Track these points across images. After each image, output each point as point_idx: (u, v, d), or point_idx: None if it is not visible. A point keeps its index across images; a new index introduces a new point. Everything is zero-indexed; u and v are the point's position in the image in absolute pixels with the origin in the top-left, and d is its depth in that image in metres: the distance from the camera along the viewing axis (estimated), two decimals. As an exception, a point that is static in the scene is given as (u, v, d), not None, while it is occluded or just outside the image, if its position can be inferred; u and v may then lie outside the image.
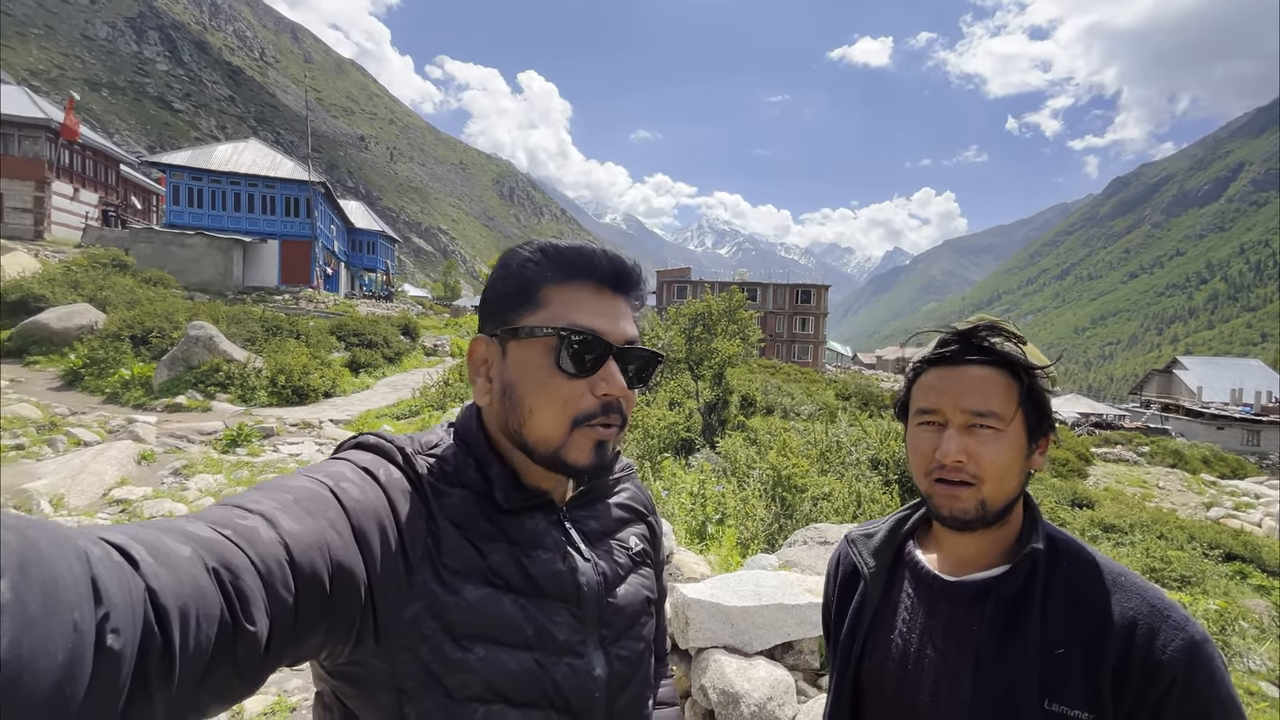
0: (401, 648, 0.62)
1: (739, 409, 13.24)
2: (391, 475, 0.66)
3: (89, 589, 0.35)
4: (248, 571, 0.48)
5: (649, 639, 0.83)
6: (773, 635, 2.79)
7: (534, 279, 0.71)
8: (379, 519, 0.62)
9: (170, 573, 0.42)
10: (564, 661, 0.70)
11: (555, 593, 0.71)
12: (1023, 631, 0.77)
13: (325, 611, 0.55)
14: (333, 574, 0.55)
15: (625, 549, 0.83)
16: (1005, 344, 0.83)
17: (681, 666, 2.86)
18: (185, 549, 0.45)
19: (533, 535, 0.72)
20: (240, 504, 0.54)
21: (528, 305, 0.71)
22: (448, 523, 0.67)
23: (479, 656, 0.64)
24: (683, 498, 5.61)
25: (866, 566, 0.95)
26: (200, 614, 0.43)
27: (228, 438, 8.38)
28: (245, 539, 0.50)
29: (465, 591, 0.65)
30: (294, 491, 0.58)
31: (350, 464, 0.66)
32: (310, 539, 0.54)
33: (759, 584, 3.00)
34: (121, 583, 0.38)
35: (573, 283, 0.72)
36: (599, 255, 0.73)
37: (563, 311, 0.70)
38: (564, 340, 0.69)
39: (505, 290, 0.73)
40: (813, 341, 53.77)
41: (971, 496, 0.80)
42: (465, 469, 0.72)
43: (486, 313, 0.75)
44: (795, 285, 54.56)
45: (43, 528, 0.36)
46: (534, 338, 0.70)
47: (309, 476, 0.61)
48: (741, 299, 15.19)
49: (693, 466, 7.64)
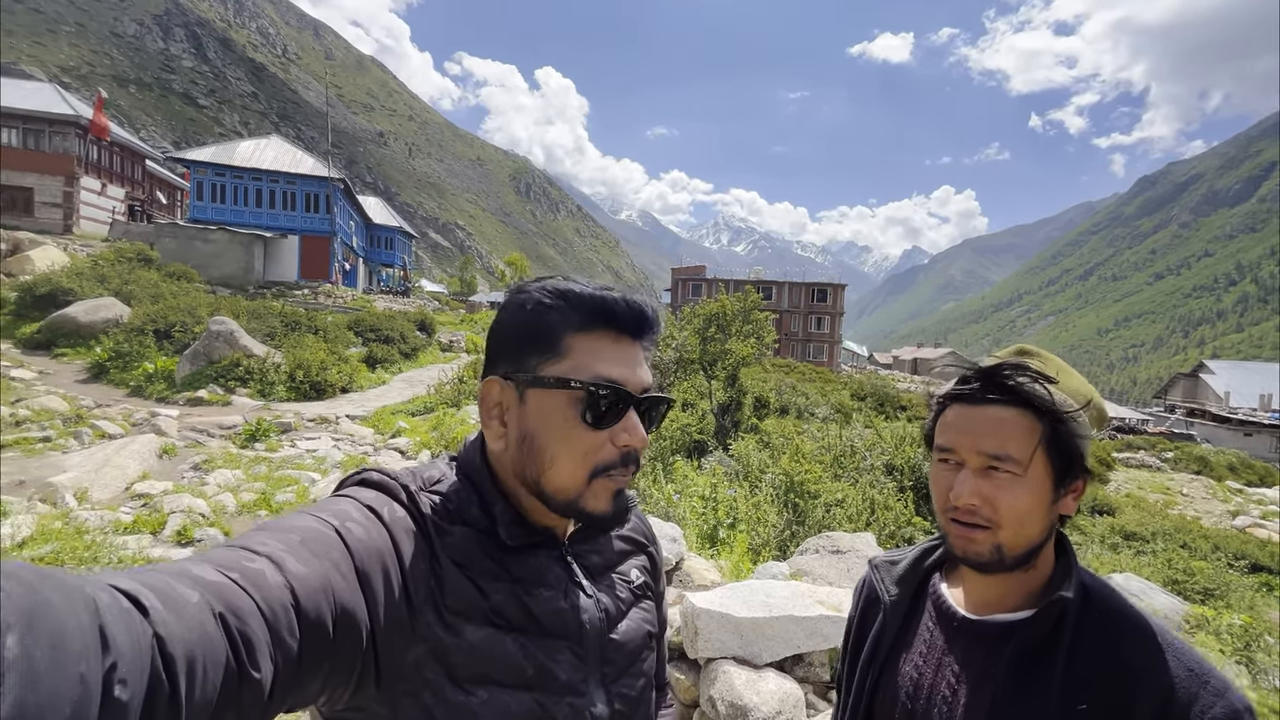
0: (403, 691, 0.61)
1: (752, 410, 13.17)
2: (396, 514, 0.66)
3: (96, 639, 0.35)
4: (254, 616, 0.48)
5: (650, 674, 0.83)
6: (783, 647, 2.76)
7: (555, 325, 0.70)
8: (382, 560, 0.61)
9: (178, 619, 0.42)
10: (565, 701, 0.69)
11: (557, 631, 0.71)
12: (1043, 681, 0.74)
13: (328, 656, 0.55)
14: (336, 617, 0.55)
15: (627, 582, 0.83)
16: (1031, 384, 0.78)
17: (690, 676, 2.85)
18: (194, 594, 0.45)
19: (536, 572, 0.72)
20: (247, 545, 0.54)
21: (550, 353, 0.70)
22: (450, 562, 0.67)
23: (481, 700, 0.64)
24: (694, 501, 5.59)
25: (888, 595, 0.94)
26: (207, 661, 0.43)
27: (247, 432, 8.52)
28: (252, 583, 0.49)
29: (467, 632, 0.65)
30: (300, 532, 0.57)
31: (355, 502, 0.65)
32: (316, 582, 0.54)
33: (769, 594, 2.98)
34: (130, 631, 0.38)
35: (594, 331, 0.71)
36: (620, 304, 0.71)
37: (586, 362, 0.69)
38: (591, 394, 0.68)
39: (523, 334, 0.71)
40: (828, 341, 53.32)
41: (987, 540, 0.77)
42: (468, 506, 0.71)
43: (501, 354, 0.73)
44: (811, 284, 54.11)
45: (51, 578, 0.36)
46: (558, 389, 0.69)
47: (315, 516, 0.61)
48: (757, 299, 15.09)
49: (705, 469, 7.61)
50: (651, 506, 5.41)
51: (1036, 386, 0.77)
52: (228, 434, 8.59)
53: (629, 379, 0.71)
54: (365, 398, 12.68)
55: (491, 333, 0.75)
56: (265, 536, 0.56)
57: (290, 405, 11.08)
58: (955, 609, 0.86)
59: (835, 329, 53.63)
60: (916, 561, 0.95)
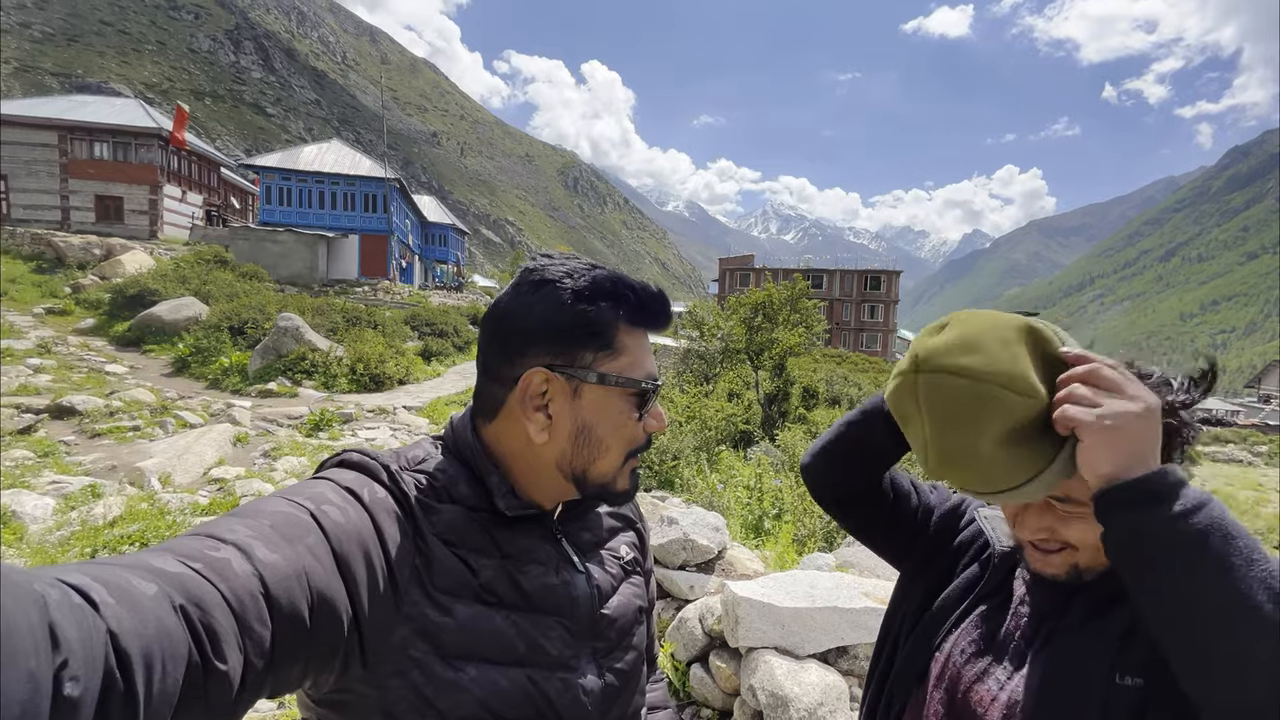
0: (390, 672, 0.61)
1: (800, 401, 12.92)
2: (376, 495, 0.65)
3: (46, 635, 0.34)
4: (218, 607, 0.46)
5: (641, 648, 0.83)
6: (826, 639, 2.71)
7: (610, 322, 0.71)
8: (362, 542, 0.60)
9: (133, 613, 0.40)
10: (557, 676, 0.69)
11: (548, 607, 0.71)
12: (1110, 615, 0.73)
13: (306, 642, 0.54)
14: (313, 603, 0.54)
15: (617, 558, 0.84)
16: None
17: (731, 665, 2.84)
18: (150, 587, 0.43)
19: (526, 549, 0.72)
20: (214, 533, 0.52)
21: (606, 350, 0.71)
22: (437, 540, 0.66)
23: (471, 676, 0.64)
24: (739, 491, 5.54)
25: (999, 544, 0.91)
26: (166, 655, 0.41)
27: (311, 422, 9.00)
28: (216, 572, 0.48)
29: (456, 610, 0.64)
30: (271, 517, 0.56)
31: (332, 484, 0.64)
32: (287, 568, 0.52)
33: (813, 584, 2.93)
34: (81, 627, 0.36)
35: (637, 329, 0.74)
36: (660, 306, 0.75)
37: (639, 360, 0.73)
38: (647, 392, 0.73)
39: (574, 326, 0.69)
40: (882, 330, 51.64)
41: (1063, 561, 0.75)
42: (456, 484, 0.71)
43: (538, 344, 0.69)
44: (864, 271, 52.47)
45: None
46: (619, 386, 0.71)
47: (288, 500, 0.60)
48: (805, 287, 14.76)
49: (750, 459, 7.53)
50: (696, 496, 5.40)
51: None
52: (295, 424, 9.10)
53: (655, 372, 0.76)
54: (421, 389, 13.16)
55: (512, 316, 0.71)
56: (234, 523, 0.54)
57: (351, 396, 11.63)
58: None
59: (890, 317, 51.87)
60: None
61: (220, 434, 7.34)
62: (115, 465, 6.13)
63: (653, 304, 0.74)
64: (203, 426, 7.95)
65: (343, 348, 13.34)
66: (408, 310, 19.34)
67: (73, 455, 6.53)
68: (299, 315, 13.66)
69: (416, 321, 17.88)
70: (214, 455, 6.71)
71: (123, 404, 8.57)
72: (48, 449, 6.47)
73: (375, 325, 16.04)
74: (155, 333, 13.51)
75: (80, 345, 12.53)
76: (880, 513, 1.00)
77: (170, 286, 15.48)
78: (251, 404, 10.06)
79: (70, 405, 7.95)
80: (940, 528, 1.00)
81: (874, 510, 1.00)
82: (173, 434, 7.64)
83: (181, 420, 8.33)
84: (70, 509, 4.64)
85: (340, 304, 17.26)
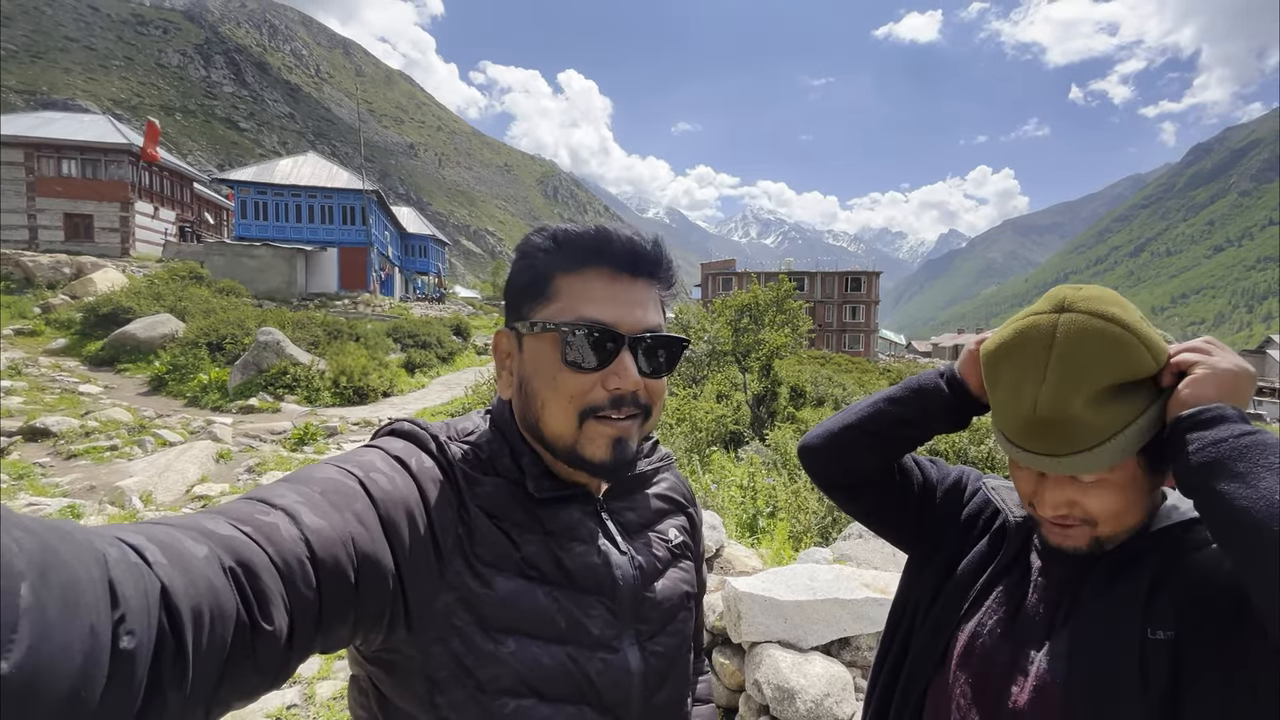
0: (433, 638, 0.62)
1: (788, 401, 13.00)
2: (423, 464, 0.66)
3: (106, 591, 0.35)
4: (266, 570, 0.48)
5: (687, 634, 0.81)
6: (828, 630, 2.72)
7: (546, 269, 0.70)
8: (408, 509, 0.61)
9: (184, 573, 0.42)
10: (598, 656, 0.68)
11: (590, 585, 0.70)
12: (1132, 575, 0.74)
13: (352, 604, 0.55)
14: (358, 567, 0.55)
15: (665, 541, 0.81)
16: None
17: (735, 661, 2.84)
18: (201, 548, 0.45)
19: (568, 526, 0.71)
20: (264, 498, 0.54)
21: (541, 297, 0.69)
22: (480, 512, 0.66)
23: (510, 650, 0.64)
24: (732, 490, 5.55)
25: (1013, 516, 0.90)
26: (215, 614, 0.43)
27: (295, 436, 8.84)
28: (265, 536, 0.49)
29: (497, 583, 0.64)
30: (320, 484, 0.57)
31: (382, 452, 0.65)
32: (333, 534, 0.54)
33: (813, 578, 2.94)
34: (137, 584, 0.38)
35: (585, 270, 0.69)
36: (613, 238, 0.69)
37: (573, 304, 0.68)
38: (570, 335, 0.66)
39: (521, 282, 0.71)
40: (864, 330, 52.26)
41: (1083, 535, 0.76)
42: (499, 457, 0.71)
43: (508, 304, 0.74)
44: (844, 273, 53.12)
45: (61, 531, 0.36)
46: (545, 332, 0.68)
47: (338, 467, 0.61)
48: (790, 288, 14.88)
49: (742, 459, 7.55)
50: (689, 497, 5.39)
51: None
52: (278, 438, 8.93)
53: (622, 319, 0.68)
54: (406, 401, 13.01)
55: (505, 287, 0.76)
56: (285, 489, 0.56)
57: (335, 410, 11.45)
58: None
59: (871, 318, 52.52)
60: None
61: (202, 451, 7.18)
62: (94, 485, 5.96)
63: (588, 240, 0.69)
64: (183, 444, 7.76)
65: (325, 361, 13.14)
66: (389, 322, 19.13)
67: (49, 477, 6.34)
68: (279, 329, 13.44)
69: (399, 333, 17.68)
70: (196, 472, 6.56)
71: (99, 424, 8.35)
72: (22, 471, 6.27)
73: (357, 338, 15.83)
74: (130, 351, 13.19)
75: (52, 366, 12.18)
76: (890, 496, 0.98)
77: (144, 304, 15.13)
78: (233, 420, 9.86)
79: (44, 427, 7.72)
80: (946, 503, 0.98)
81: (885, 494, 0.98)
82: (152, 453, 7.45)
83: (161, 439, 8.13)
84: (48, 531, 4.50)
85: (321, 317, 17.01)
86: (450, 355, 18.23)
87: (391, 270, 34.20)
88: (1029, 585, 0.83)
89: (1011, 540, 0.87)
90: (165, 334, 13.56)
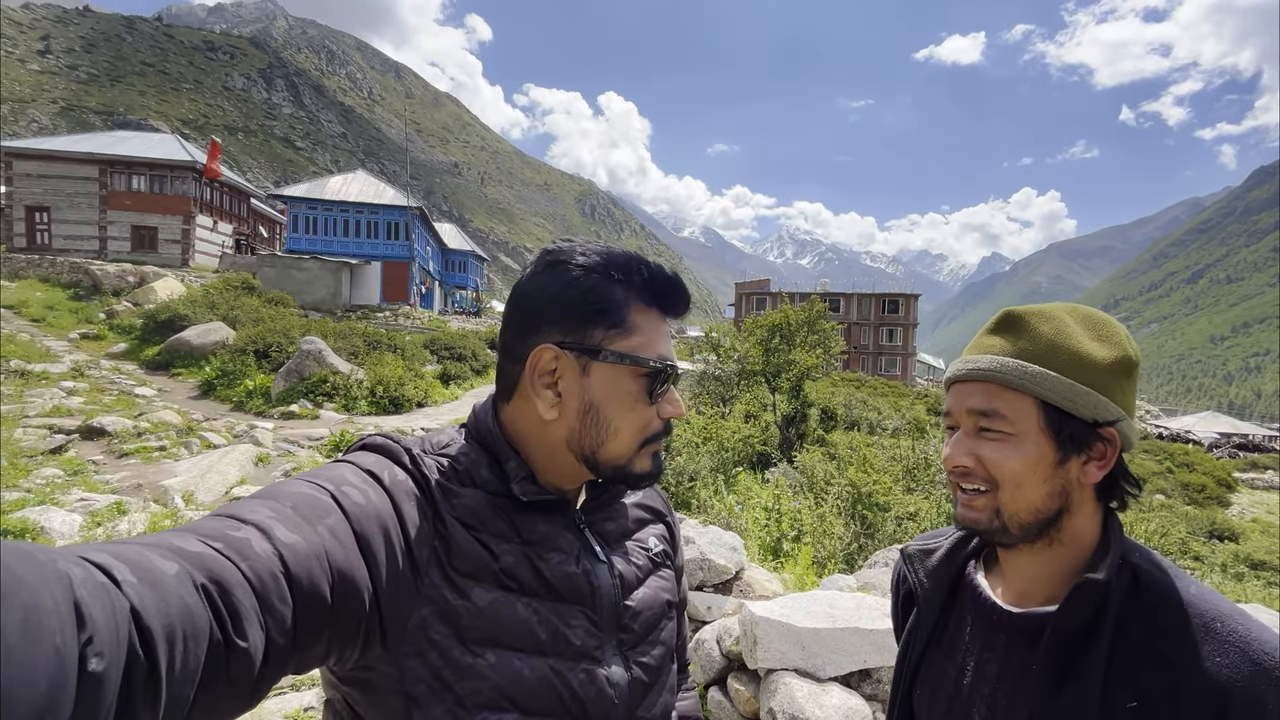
0: (409, 653, 0.61)
1: (818, 423, 12.77)
2: (396, 476, 0.65)
3: (71, 612, 0.35)
4: (239, 586, 0.47)
5: (669, 644, 0.80)
6: (847, 661, 2.64)
7: (623, 300, 0.70)
8: (382, 523, 0.60)
9: (154, 591, 0.41)
10: (580, 667, 0.68)
11: (570, 595, 0.69)
12: (1084, 675, 0.67)
13: (327, 620, 0.54)
14: (334, 583, 0.54)
15: (644, 550, 0.81)
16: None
17: (750, 688, 2.77)
18: (172, 566, 0.44)
19: (546, 536, 0.71)
20: (235, 514, 0.53)
21: (618, 328, 0.70)
22: (457, 523, 0.66)
23: (490, 662, 0.63)
24: (757, 512, 5.46)
25: (920, 587, 0.87)
26: (188, 632, 0.42)
27: (332, 443, 9.09)
28: (237, 551, 0.49)
29: (475, 594, 0.64)
30: (292, 499, 0.57)
31: (353, 466, 0.65)
32: (307, 549, 0.53)
33: (833, 605, 2.86)
34: (104, 604, 0.37)
35: (653, 309, 0.73)
36: (676, 288, 0.74)
37: (652, 341, 0.72)
38: (657, 373, 0.71)
39: (583, 303, 0.69)
40: (901, 353, 51.07)
41: (985, 505, 0.73)
42: (477, 468, 0.71)
43: (549, 321, 0.70)
44: (881, 295, 52.17)
45: (21, 551, 0.35)
46: (626, 364, 0.70)
47: (310, 482, 0.60)
48: (822, 308, 14.69)
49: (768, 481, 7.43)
50: (713, 517, 5.34)
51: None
52: (315, 445, 9.20)
53: (670, 356, 0.74)
54: (439, 411, 13.25)
55: (528, 296, 0.72)
56: (256, 504, 0.55)
57: (371, 419, 11.75)
58: (992, 600, 0.79)
59: (909, 341, 51.34)
60: (952, 551, 0.87)
61: (243, 454, 7.45)
62: (141, 484, 6.24)
63: (667, 285, 0.73)
64: (226, 447, 8.08)
65: (363, 371, 13.52)
66: (427, 335, 19.61)
67: (100, 474, 6.67)
68: (322, 339, 13.92)
69: (435, 345, 18.10)
70: (236, 475, 6.80)
71: (150, 425, 8.76)
72: (77, 468, 6.62)
73: (395, 349, 16.27)
74: (184, 356, 13.84)
75: (112, 369, 12.88)
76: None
77: (199, 312, 15.89)
78: (274, 425, 10.21)
79: (100, 426, 8.14)
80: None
81: None
82: (197, 454, 7.77)
83: (206, 441, 8.47)
84: (96, 525, 4.73)
85: (362, 328, 17.57)
86: (484, 368, 18.55)
87: (432, 284, 35.15)
88: (973, 659, 0.79)
89: (925, 608, 0.86)
90: (217, 341, 14.19)
